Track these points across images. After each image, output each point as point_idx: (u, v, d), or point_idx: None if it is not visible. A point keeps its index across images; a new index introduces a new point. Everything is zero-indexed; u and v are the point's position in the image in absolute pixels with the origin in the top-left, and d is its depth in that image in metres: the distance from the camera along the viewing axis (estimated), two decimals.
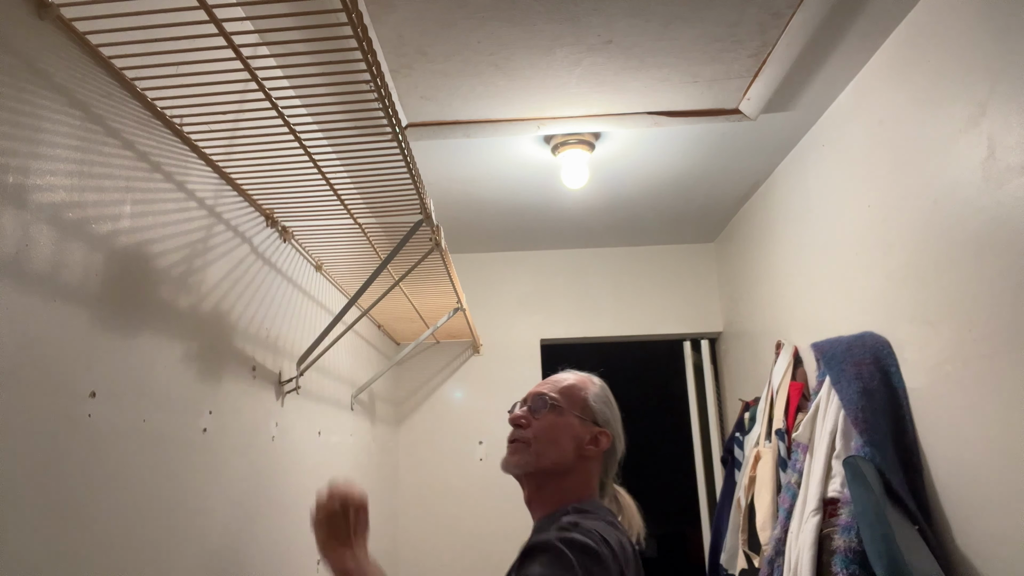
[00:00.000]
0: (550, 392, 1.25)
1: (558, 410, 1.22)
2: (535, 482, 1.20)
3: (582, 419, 1.22)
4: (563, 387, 1.26)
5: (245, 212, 1.56)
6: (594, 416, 1.23)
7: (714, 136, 2.38)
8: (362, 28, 0.96)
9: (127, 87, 1.10)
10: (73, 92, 0.98)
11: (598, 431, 1.22)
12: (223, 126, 1.26)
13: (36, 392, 0.88)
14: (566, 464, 1.19)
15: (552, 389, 1.25)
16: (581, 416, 1.22)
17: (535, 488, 1.21)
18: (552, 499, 1.18)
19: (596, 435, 1.22)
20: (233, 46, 1.00)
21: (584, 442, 1.21)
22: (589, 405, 1.24)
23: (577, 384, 1.27)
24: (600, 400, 1.27)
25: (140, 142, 1.14)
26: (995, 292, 1.41)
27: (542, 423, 1.21)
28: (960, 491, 1.54)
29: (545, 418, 1.21)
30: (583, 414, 1.23)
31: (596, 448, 1.21)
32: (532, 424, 1.21)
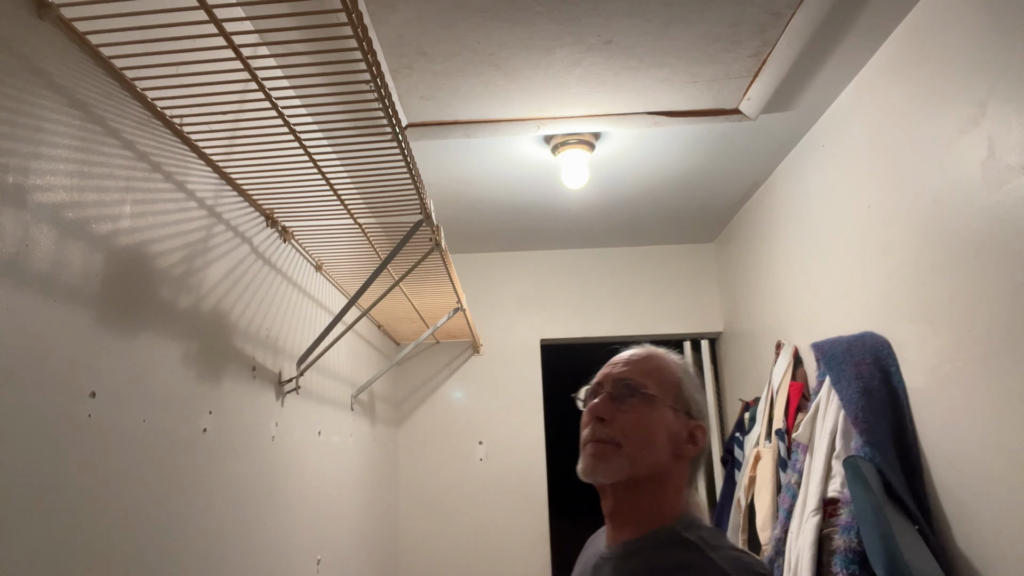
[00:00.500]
0: (636, 376, 1.00)
1: (650, 400, 0.98)
2: (625, 492, 0.98)
3: (676, 411, 0.99)
4: (650, 368, 1.02)
5: (245, 212, 1.56)
6: (688, 406, 1.01)
7: (714, 136, 2.38)
8: (362, 28, 0.96)
9: (127, 87, 1.10)
10: (73, 92, 0.98)
11: (695, 425, 1.00)
12: (223, 126, 1.26)
13: (36, 392, 0.88)
14: (663, 469, 0.97)
15: (638, 372, 1.01)
16: (675, 407, 1.00)
17: (624, 500, 0.98)
18: (646, 514, 0.97)
19: (693, 431, 1.00)
20: (233, 46, 1.00)
21: (681, 440, 0.99)
22: (683, 392, 1.01)
23: (665, 364, 1.03)
24: (693, 386, 1.04)
25: (140, 142, 1.14)
26: (995, 292, 1.41)
27: (631, 418, 0.97)
28: (960, 491, 1.54)
29: (635, 411, 0.98)
30: (677, 404, 1.00)
31: (695, 447, 1.00)
32: (617, 419, 0.98)
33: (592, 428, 0.99)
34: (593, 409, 1.00)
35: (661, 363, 1.03)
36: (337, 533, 2.26)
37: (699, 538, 0.91)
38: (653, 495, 0.97)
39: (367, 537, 2.72)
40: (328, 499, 2.17)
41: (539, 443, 3.50)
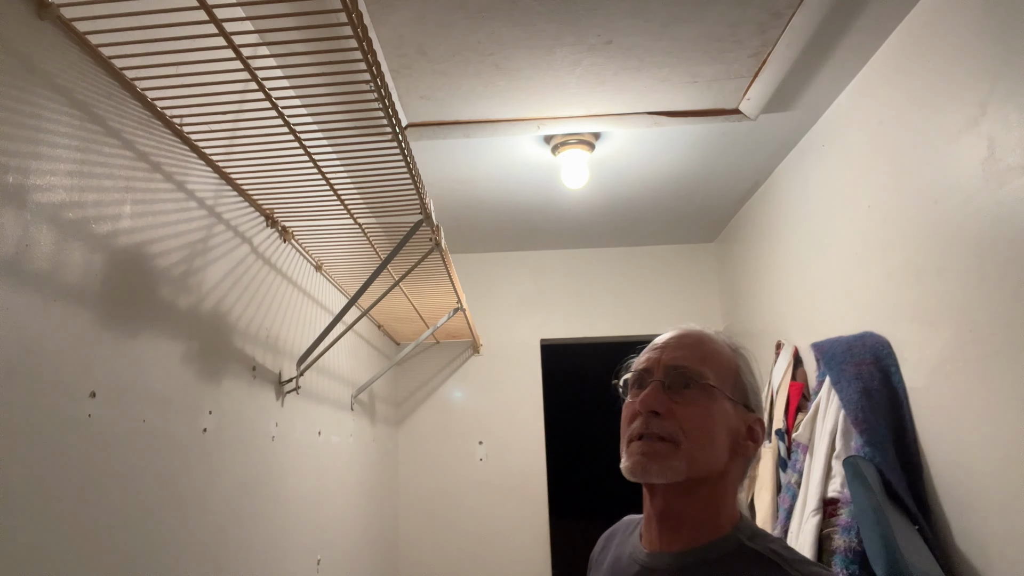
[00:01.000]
0: (693, 363, 0.89)
1: (709, 392, 0.87)
2: (680, 494, 0.86)
3: (735, 403, 0.88)
4: (706, 353, 0.90)
5: (245, 212, 1.56)
6: (747, 397, 0.90)
7: (714, 136, 2.38)
8: (362, 28, 0.96)
9: (127, 87, 1.10)
10: (73, 92, 0.98)
11: (754, 419, 0.90)
12: (223, 126, 1.26)
13: (36, 392, 0.88)
14: (722, 469, 0.87)
15: (693, 357, 0.89)
16: (733, 398, 0.88)
17: (678, 502, 0.87)
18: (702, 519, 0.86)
19: (752, 425, 0.89)
20: (233, 46, 1.00)
21: (741, 436, 0.88)
22: (741, 381, 0.90)
23: (721, 349, 0.92)
24: (751, 373, 0.93)
25: (140, 142, 1.14)
26: (995, 292, 1.41)
27: (691, 412, 0.86)
28: (960, 491, 1.54)
29: (694, 404, 0.86)
30: (735, 395, 0.89)
31: (754, 444, 0.89)
32: (675, 412, 0.86)
33: (645, 422, 0.86)
34: (646, 401, 0.87)
35: (717, 347, 0.91)
36: (337, 533, 2.26)
37: (771, 551, 0.81)
38: (710, 498, 0.86)
39: (367, 537, 2.72)
40: (328, 499, 2.17)
41: (539, 443, 3.50)
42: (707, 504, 0.86)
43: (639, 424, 0.87)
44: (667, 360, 0.90)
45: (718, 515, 0.86)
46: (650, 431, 0.86)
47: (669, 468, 0.84)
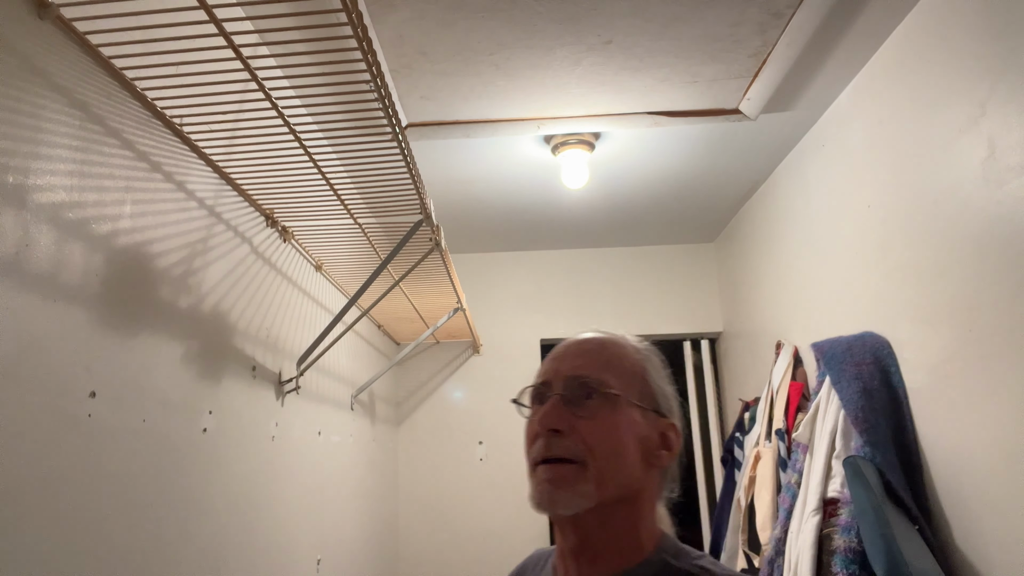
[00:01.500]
0: (593, 371, 0.80)
1: (613, 401, 0.78)
2: (593, 522, 0.77)
3: (643, 410, 0.80)
4: (607, 359, 0.81)
5: (245, 212, 1.55)
6: (656, 402, 0.82)
7: (714, 136, 2.38)
8: (362, 28, 0.96)
9: (127, 87, 1.10)
10: (73, 92, 0.98)
11: (666, 425, 0.81)
12: (223, 126, 1.26)
13: (36, 392, 0.88)
14: (636, 486, 0.78)
15: (594, 365, 0.80)
16: (641, 404, 0.80)
17: (592, 532, 0.78)
18: (620, 545, 0.78)
19: (665, 431, 0.81)
20: (233, 46, 1.00)
21: (653, 446, 0.80)
22: (649, 385, 0.82)
23: (624, 352, 0.83)
24: (660, 375, 0.84)
25: (140, 142, 1.14)
26: (995, 292, 1.41)
27: (594, 426, 0.77)
28: (960, 491, 1.54)
29: (597, 416, 0.78)
30: (643, 401, 0.80)
31: (669, 453, 0.81)
32: (577, 428, 0.77)
33: (545, 443, 0.77)
34: (544, 419, 0.78)
35: (620, 351, 0.82)
36: (337, 533, 2.26)
37: (699, 568, 0.75)
38: (627, 520, 0.77)
39: (367, 537, 2.72)
40: (328, 499, 2.17)
41: None
42: (625, 527, 0.77)
43: (540, 446, 0.78)
44: (566, 371, 0.80)
45: (638, 536, 0.77)
46: (552, 453, 0.77)
47: (577, 494, 0.74)
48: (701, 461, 3.48)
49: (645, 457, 0.79)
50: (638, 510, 0.78)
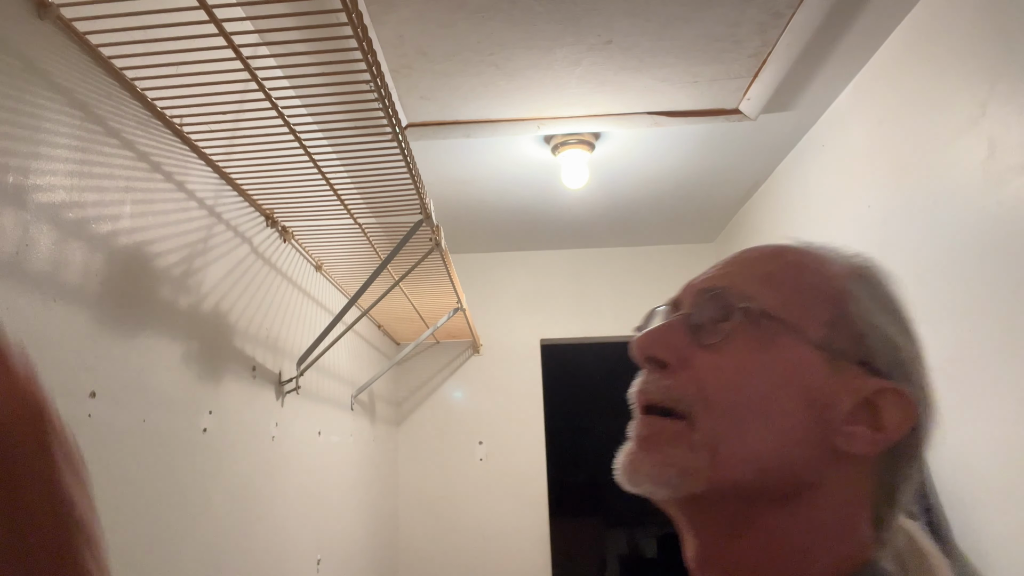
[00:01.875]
0: (741, 283, 0.52)
1: (766, 329, 0.49)
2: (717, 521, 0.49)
3: (832, 354, 0.49)
4: (773, 270, 0.53)
5: (245, 212, 1.56)
6: (865, 348, 0.50)
7: (714, 136, 2.38)
8: (362, 28, 0.96)
9: (127, 87, 1.10)
10: (73, 92, 0.98)
11: (880, 388, 0.49)
12: (223, 126, 1.26)
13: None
14: (798, 475, 0.48)
15: (746, 275, 0.53)
16: (828, 346, 0.49)
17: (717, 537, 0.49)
18: (778, 567, 0.47)
19: (873, 399, 0.49)
20: (233, 46, 1.00)
21: (838, 416, 0.48)
22: (852, 319, 0.50)
23: (811, 261, 0.54)
24: (879, 303, 0.52)
25: (140, 142, 1.14)
26: (995, 292, 1.41)
27: (722, 361, 0.49)
28: (960, 491, 1.54)
29: (730, 349, 0.50)
30: (834, 340, 0.49)
31: (876, 434, 0.48)
32: (694, 362, 0.50)
33: (642, 381, 0.52)
34: (642, 341, 0.52)
35: (800, 258, 0.53)
36: (337, 533, 2.26)
37: None
38: (776, 527, 0.47)
39: (367, 537, 2.72)
40: (328, 499, 2.17)
41: (539, 443, 3.50)
42: (782, 543, 0.47)
43: (636, 386, 0.52)
44: (699, 283, 0.55)
45: (810, 561, 0.47)
46: (648, 398, 0.51)
47: (672, 466, 0.47)
48: None
49: (821, 429, 0.47)
50: (809, 517, 0.47)
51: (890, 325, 0.51)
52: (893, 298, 0.53)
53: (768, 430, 0.47)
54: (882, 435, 0.48)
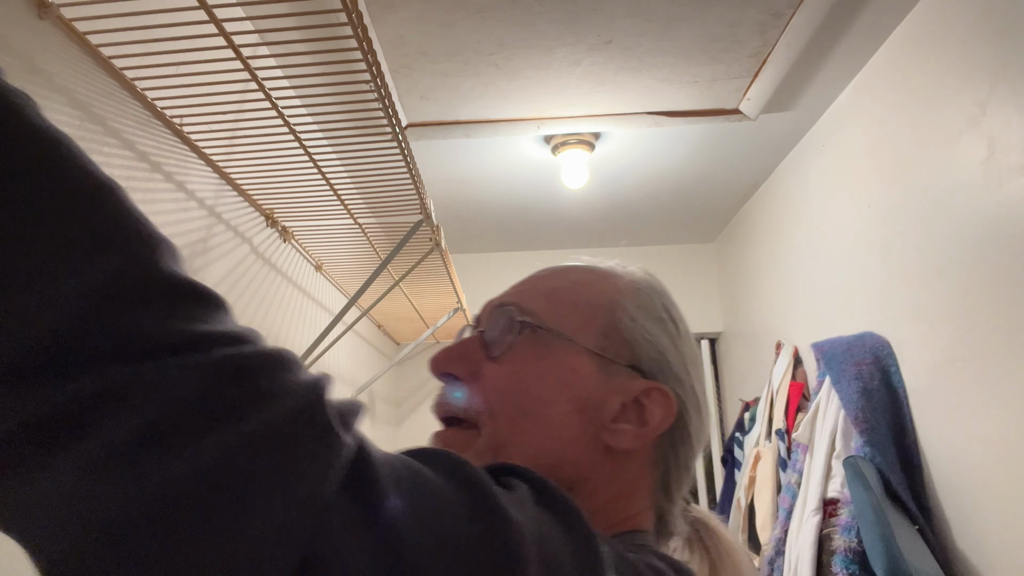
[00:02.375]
0: (526, 300, 0.57)
1: (542, 340, 0.54)
2: None
3: (602, 359, 0.54)
4: (554, 287, 0.58)
5: (245, 212, 1.56)
6: (632, 352, 0.55)
7: (714, 136, 2.38)
8: (362, 28, 0.96)
9: (127, 87, 1.10)
10: (73, 92, 0.98)
11: (645, 388, 0.54)
12: (223, 126, 1.26)
13: None
14: (568, 472, 0.51)
15: (531, 292, 0.58)
16: (601, 352, 0.54)
17: None
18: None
19: (639, 397, 0.54)
20: (233, 46, 1.00)
21: (605, 415, 0.52)
22: (620, 327, 0.55)
23: (590, 277, 0.59)
24: (647, 312, 0.58)
25: (140, 142, 1.14)
26: (995, 292, 1.41)
27: (504, 371, 0.53)
28: (960, 491, 1.54)
29: (512, 358, 0.54)
30: (606, 347, 0.54)
31: (635, 430, 0.53)
32: (482, 373, 0.54)
33: (437, 397, 0.56)
34: (437, 359, 0.55)
35: (580, 276, 0.59)
36: None
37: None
38: None
39: None
40: None
41: None
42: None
43: (435, 399, 0.56)
44: (495, 300, 0.58)
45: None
46: (445, 411, 0.55)
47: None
48: (701, 461, 3.48)
49: (590, 429, 0.52)
50: (587, 509, 0.47)
51: (659, 334, 0.58)
52: (663, 309, 0.60)
53: (543, 431, 0.52)
54: (645, 430, 0.53)
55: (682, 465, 0.57)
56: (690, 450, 0.57)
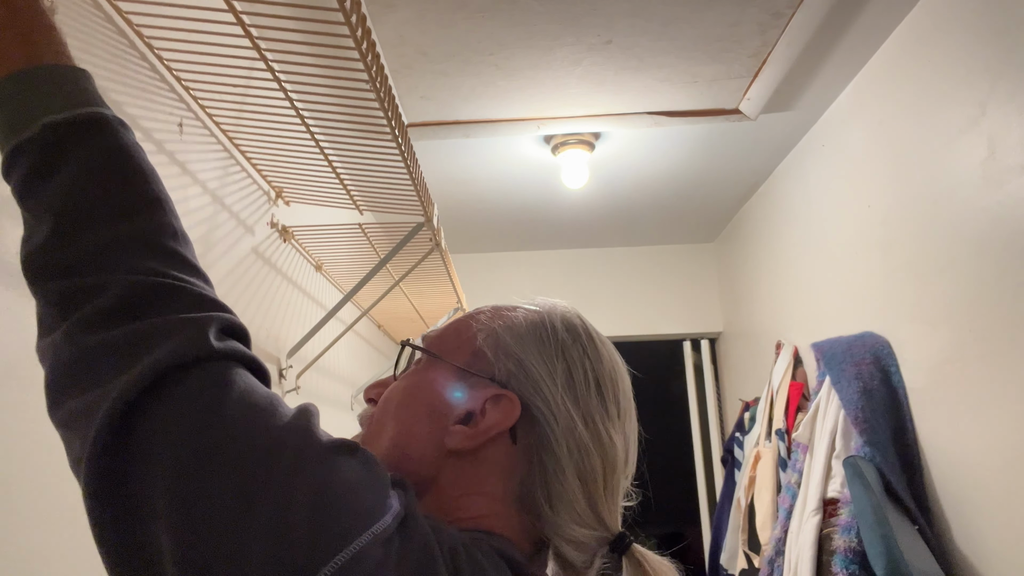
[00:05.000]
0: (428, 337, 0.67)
1: (426, 362, 0.64)
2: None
3: (464, 372, 0.61)
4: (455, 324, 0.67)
5: (246, 211, 1.56)
6: (492, 367, 0.61)
7: (714, 136, 2.38)
8: (365, 31, 0.96)
9: (133, 45, 1.10)
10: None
11: (494, 393, 0.59)
12: (231, 98, 1.26)
13: (37, 392, 0.87)
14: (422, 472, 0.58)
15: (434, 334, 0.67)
16: (465, 366, 0.61)
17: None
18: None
19: (485, 403, 0.59)
20: (244, 26, 1.00)
21: (446, 417, 0.59)
22: (488, 349, 0.62)
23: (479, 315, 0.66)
24: (517, 335, 0.63)
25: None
26: (995, 292, 1.41)
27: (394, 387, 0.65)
28: (960, 491, 1.54)
29: (401, 379, 0.65)
30: (472, 363, 0.62)
31: (467, 429, 0.58)
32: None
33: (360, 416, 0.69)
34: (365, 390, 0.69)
35: (474, 314, 0.67)
36: None
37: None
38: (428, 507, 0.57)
39: None
40: None
41: None
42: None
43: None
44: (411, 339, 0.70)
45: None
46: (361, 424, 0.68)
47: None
48: (701, 461, 3.48)
49: (435, 431, 0.59)
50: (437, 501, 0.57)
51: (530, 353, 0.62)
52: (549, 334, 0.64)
53: (397, 430, 0.61)
54: (475, 430, 0.58)
55: (549, 475, 0.58)
56: (555, 461, 0.58)
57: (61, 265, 0.51)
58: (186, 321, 0.49)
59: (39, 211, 0.53)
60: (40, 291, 0.53)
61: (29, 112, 0.53)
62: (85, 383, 0.47)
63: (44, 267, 0.52)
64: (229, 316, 0.53)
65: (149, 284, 0.50)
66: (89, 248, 0.51)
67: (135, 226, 0.52)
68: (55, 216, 0.52)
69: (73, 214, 0.52)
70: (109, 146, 0.54)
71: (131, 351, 0.47)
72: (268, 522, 0.42)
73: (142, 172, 0.55)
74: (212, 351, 0.48)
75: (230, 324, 0.52)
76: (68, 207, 0.52)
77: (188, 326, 0.48)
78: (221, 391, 0.46)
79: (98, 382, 0.46)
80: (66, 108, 0.54)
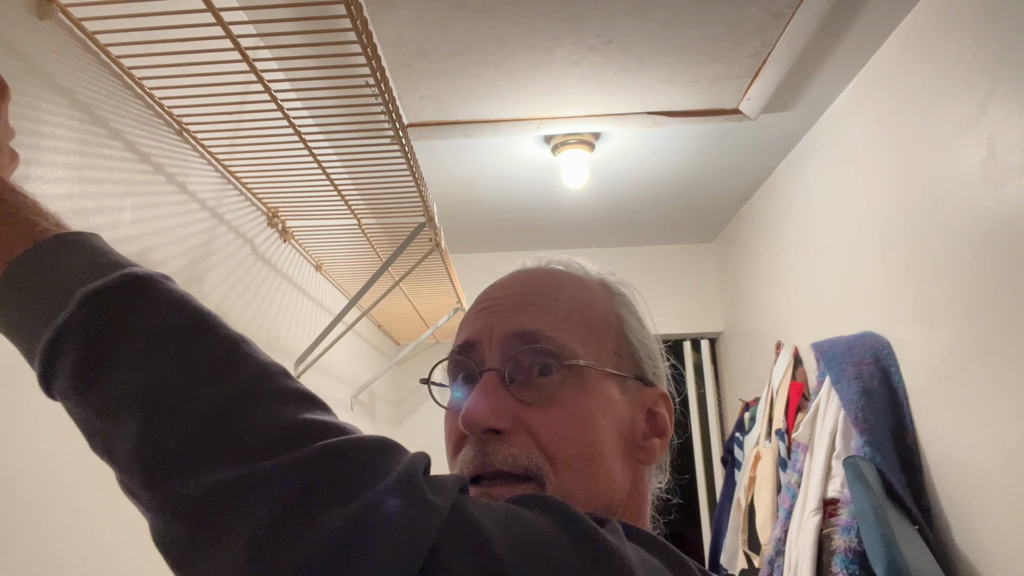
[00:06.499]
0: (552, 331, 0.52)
1: (580, 375, 0.52)
2: None
3: (622, 378, 0.54)
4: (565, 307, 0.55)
5: (246, 213, 1.56)
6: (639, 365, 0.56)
7: (714, 136, 2.38)
8: (367, 34, 0.96)
9: (129, 86, 1.10)
10: (75, 93, 0.98)
11: (654, 396, 0.56)
12: (226, 124, 1.26)
13: (37, 392, 0.87)
14: (617, 499, 0.53)
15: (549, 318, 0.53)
16: (619, 372, 0.54)
17: None
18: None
19: (652, 407, 0.55)
20: (237, 44, 1.00)
21: (638, 434, 0.54)
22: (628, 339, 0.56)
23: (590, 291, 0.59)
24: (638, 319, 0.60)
25: (142, 143, 1.14)
26: (995, 292, 1.41)
27: (556, 418, 0.51)
28: (960, 491, 1.54)
29: (559, 402, 0.51)
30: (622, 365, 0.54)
31: (662, 441, 0.55)
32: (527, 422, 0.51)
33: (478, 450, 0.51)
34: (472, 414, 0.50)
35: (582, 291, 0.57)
36: None
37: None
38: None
39: None
40: None
41: None
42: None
43: (470, 455, 0.51)
44: (504, 327, 0.53)
45: None
46: (492, 466, 0.50)
47: None
48: (701, 461, 3.48)
49: (630, 451, 0.53)
50: (630, 517, 0.54)
51: (646, 337, 0.58)
52: (641, 309, 0.61)
53: (605, 471, 0.52)
54: (664, 439, 0.55)
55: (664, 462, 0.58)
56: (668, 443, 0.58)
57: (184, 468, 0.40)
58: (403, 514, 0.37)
59: (109, 406, 0.43)
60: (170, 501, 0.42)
61: (56, 289, 0.44)
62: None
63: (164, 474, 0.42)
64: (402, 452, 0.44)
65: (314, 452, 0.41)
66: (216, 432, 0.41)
67: (240, 382, 0.43)
68: (142, 406, 0.42)
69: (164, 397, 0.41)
70: (164, 303, 0.46)
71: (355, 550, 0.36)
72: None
73: (209, 320, 0.49)
74: (441, 513, 0.38)
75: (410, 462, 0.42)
76: (153, 391, 0.41)
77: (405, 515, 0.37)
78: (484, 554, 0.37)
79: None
80: (96, 275, 0.44)
